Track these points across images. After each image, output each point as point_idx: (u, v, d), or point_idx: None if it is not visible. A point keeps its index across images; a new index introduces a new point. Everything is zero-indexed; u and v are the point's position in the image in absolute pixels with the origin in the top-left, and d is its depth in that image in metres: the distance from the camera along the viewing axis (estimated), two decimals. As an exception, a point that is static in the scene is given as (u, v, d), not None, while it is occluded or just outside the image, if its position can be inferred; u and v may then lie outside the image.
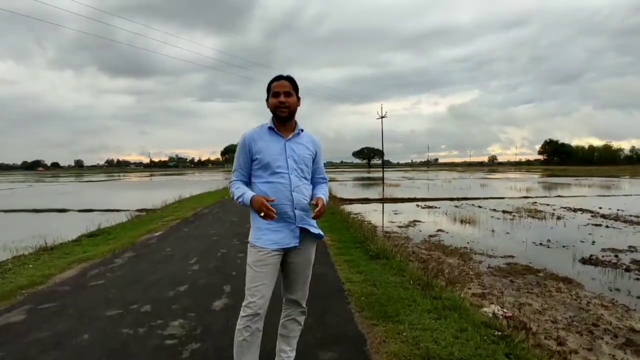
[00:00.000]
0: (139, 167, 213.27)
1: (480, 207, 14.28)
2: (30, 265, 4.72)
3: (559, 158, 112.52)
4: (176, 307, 3.23)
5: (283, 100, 1.91)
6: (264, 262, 1.88)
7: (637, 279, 5.53)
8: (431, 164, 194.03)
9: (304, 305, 2.10)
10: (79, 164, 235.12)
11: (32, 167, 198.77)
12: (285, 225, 1.91)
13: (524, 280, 5.52)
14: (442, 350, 2.41)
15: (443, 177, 43.58)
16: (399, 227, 10.11)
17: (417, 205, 15.09)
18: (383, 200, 17.20)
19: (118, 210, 13.03)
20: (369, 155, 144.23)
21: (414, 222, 10.81)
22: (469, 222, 10.63)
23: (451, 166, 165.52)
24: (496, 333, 2.73)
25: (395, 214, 12.73)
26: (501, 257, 6.83)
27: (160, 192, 21.24)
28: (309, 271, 2.06)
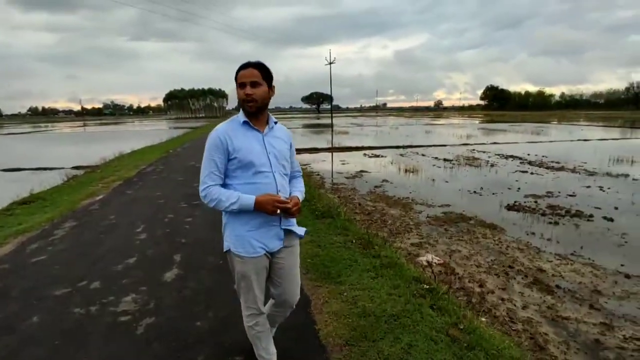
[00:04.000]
0: (69, 115, 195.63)
1: (423, 155, 15.03)
2: (-41, 242, 4.43)
3: (498, 103, 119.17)
4: (127, 282, 3.28)
5: (249, 93, 1.72)
6: (253, 269, 1.82)
7: (550, 222, 6.30)
8: (380, 109, 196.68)
9: (294, 306, 2.07)
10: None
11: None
12: (270, 229, 1.81)
13: (457, 228, 6.08)
14: (376, 308, 2.74)
15: (391, 123, 44.65)
16: (347, 177, 10.45)
17: (365, 155, 15.53)
18: (332, 150, 17.47)
19: (51, 169, 12.16)
20: (318, 101, 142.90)
21: (360, 173, 11.19)
22: (412, 172, 11.21)
23: (399, 111, 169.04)
24: (424, 287, 3.11)
25: (343, 164, 13.07)
26: (439, 206, 7.38)
27: (97, 146, 19.94)
28: (297, 270, 2.00)
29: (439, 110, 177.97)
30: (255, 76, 1.73)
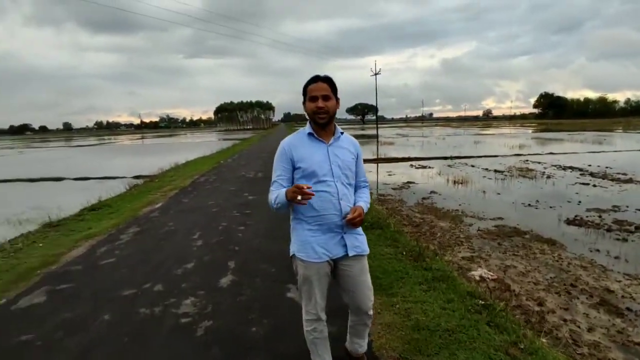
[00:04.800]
0: (130, 128, 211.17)
1: (473, 166, 14.51)
2: (40, 244, 4.92)
3: (553, 111, 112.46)
4: (186, 286, 3.47)
5: (321, 106, 1.81)
6: (316, 274, 1.89)
7: (617, 239, 5.84)
8: (426, 119, 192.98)
9: (369, 313, 2.07)
10: (67, 127, 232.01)
11: (20, 131, 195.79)
12: (333, 236, 1.88)
13: (511, 243, 5.80)
14: (430, 322, 2.69)
15: (437, 134, 43.58)
16: (393, 189, 10.33)
17: (411, 165, 15.27)
18: (377, 161, 17.34)
19: (114, 178, 13.13)
20: (363, 111, 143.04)
21: (407, 184, 11.02)
22: (461, 183, 10.86)
23: (446, 121, 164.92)
24: (480, 302, 3.00)
25: (390, 175, 12.93)
26: (491, 219, 7.10)
27: (154, 157, 21.24)
28: (366, 277, 2.03)
29: (488, 119, 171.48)
30: (326, 90, 1.84)
